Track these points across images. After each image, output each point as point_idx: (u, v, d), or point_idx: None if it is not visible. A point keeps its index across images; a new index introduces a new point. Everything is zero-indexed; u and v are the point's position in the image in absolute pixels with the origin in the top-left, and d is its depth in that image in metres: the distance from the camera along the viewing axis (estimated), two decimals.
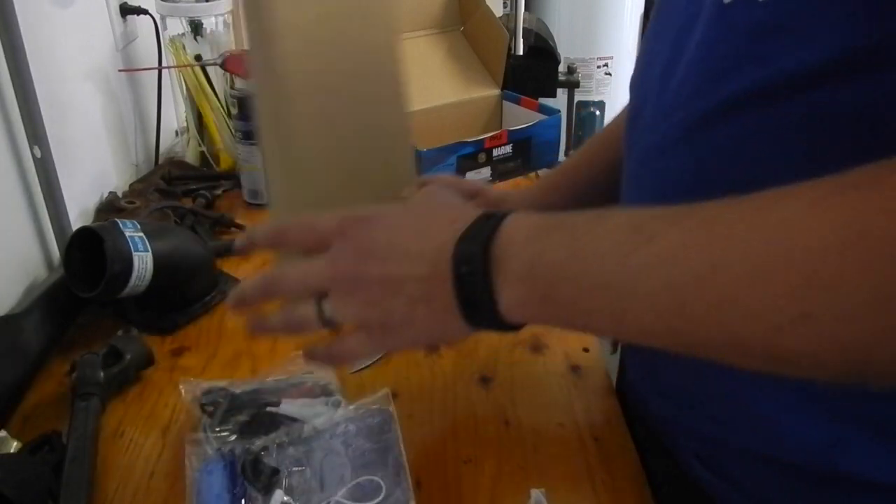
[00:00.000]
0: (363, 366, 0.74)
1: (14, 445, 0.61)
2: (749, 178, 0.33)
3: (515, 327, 0.41)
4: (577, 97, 2.20)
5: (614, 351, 0.65)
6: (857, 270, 0.28)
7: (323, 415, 0.63)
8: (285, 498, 0.56)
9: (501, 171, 1.13)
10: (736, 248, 0.31)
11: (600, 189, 0.65)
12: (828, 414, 0.43)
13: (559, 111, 1.18)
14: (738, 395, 0.48)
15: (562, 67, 1.75)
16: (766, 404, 0.46)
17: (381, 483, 0.57)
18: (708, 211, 0.33)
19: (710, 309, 0.32)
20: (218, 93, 1.14)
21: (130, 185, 1.10)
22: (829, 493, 0.45)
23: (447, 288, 0.40)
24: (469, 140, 1.08)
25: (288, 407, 0.64)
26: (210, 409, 0.64)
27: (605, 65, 2.49)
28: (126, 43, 1.13)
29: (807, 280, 0.29)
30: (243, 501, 0.56)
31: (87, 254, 0.75)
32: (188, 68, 1.11)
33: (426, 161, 1.05)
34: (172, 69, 1.14)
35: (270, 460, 0.58)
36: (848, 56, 0.35)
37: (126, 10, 1.11)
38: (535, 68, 1.58)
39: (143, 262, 0.74)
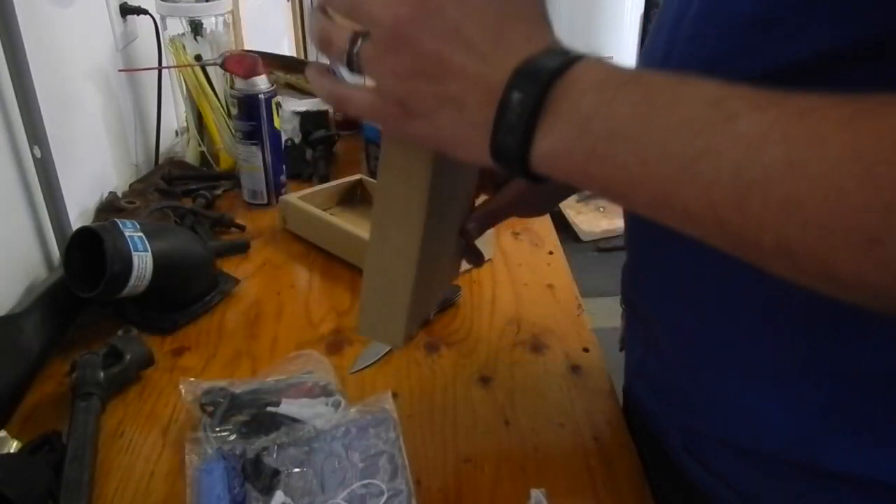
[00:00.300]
0: (363, 366, 0.74)
1: (14, 445, 0.61)
2: None
3: (535, 177, 0.37)
4: None
5: (622, 348, 0.66)
6: None
7: (323, 415, 0.63)
8: (286, 499, 0.56)
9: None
10: (819, 151, 0.28)
11: None
12: (810, 408, 0.43)
13: None
14: (723, 390, 0.48)
15: None
16: (750, 399, 0.46)
17: (382, 487, 0.57)
18: (799, 103, 0.30)
19: (770, 209, 0.29)
20: (218, 93, 1.14)
21: (130, 185, 1.10)
22: (811, 486, 0.45)
23: (489, 103, 0.35)
24: None
25: (288, 407, 0.64)
26: (210, 409, 0.64)
27: None
28: (126, 43, 1.13)
29: (886, 205, 0.26)
30: (244, 502, 0.56)
31: (87, 254, 0.75)
32: (188, 68, 1.12)
33: None
34: (172, 69, 1.14)
35: (271, 461, 0.59)
36: (839, 49, 0.35)
37: (126, 10, 1.11)
38: None
39: (142, 262, 0.74)
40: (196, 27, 1.13)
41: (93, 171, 1.01)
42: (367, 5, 0.37)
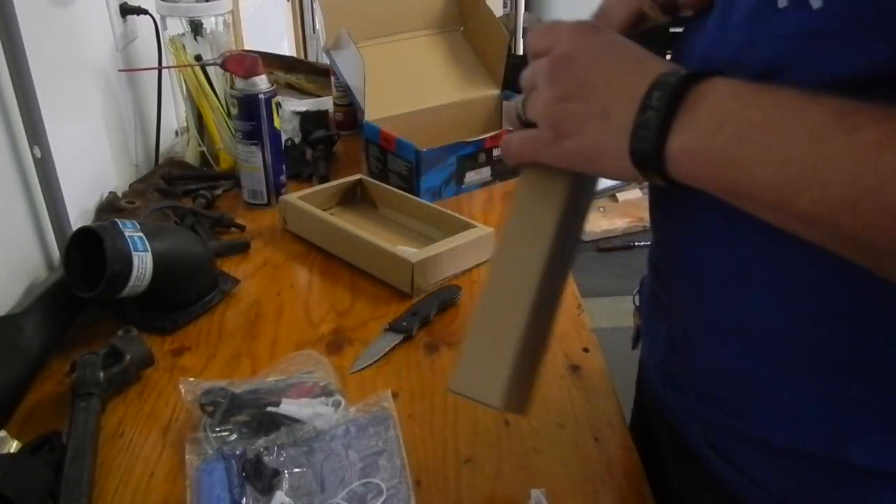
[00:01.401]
0: (363, 366, 0.74)
1: (14, 445, 0.61)
2: None
3: (668, 177, 0.40)
4: None
5: (635, 346, 0.65)
6: None
7: (323, 415, 0.63)
8: (286, 499, 0.56)
9: (501, 171, 1.13)
10: None
11: None
12: (845, 405, 0.44)
13: None
14: (756, 385, 0.48)
15: None
16: (785, 394, 0.46)
17: (382, 485, 0.57)
18: None
19: (884, 214, 0.32)
20: (218, 93, 1.14)
21: (130, 185, 1.10)
22: (841, 482, 0.45)
23: (631, 107, 0.40)
24: (469, 140, 1.08)
25: (288, 407, 0.64)
26: (210, 409, 0.64)
27: None
28: (126, 43, 1.13)
29: None
30: (244, 502, 0.56)
31: (87, 254, 0.75)
32: (188, 68, 1.12)
33: (426, 161, 1.05)
34: (172, 69, 1.14)
35: (271, 461, 0.59)
36: (892, 65, 0.36)
37: (126, 10, 1.11)
38: None
39: (142, 262, 0.74)
40: (196, 27, 1.13)
41: (93, 171, 1.01)
42: (537, 54, 0.46)
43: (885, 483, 0.44)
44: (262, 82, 1.01)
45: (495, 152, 1.11)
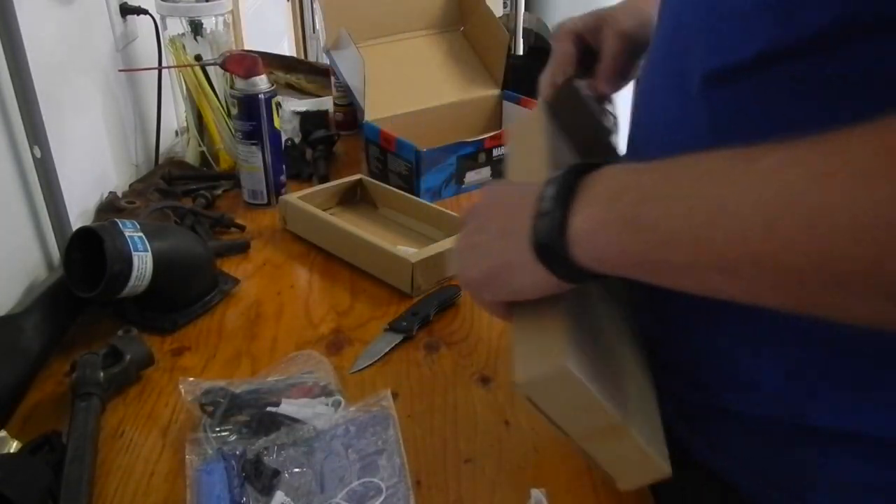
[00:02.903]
0: (363, 366, 0.74)
1: (14, 445, 0.61)
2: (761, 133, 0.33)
3: (576, 266, 0.40)
4: None
5: None
6: None
7: (323, 415, 0.63)
8: (286, 499, 0.56)
9: (501, 171, 1.13)
10: (833, 166, 0.31)
11: None
12: (798, 371, 0.45)
13: None
14: (712, 356, 0.50)
15: None
16: (738, 363, 0.48)
17: (381, 485, 0.57)
18: (806, 140, 0.32)
19: (800, 225, 0.31)
20: (218, 93, 1.14)
21: (130, 185, 1.10)
22: (800, 445, 0.47)
23: (527, 216, 0.42)
24: (469, 140, 1.08)
25: (288, 407, 0.64)
26: (210, 409, 0.64)
27: None
28: (126, 43, 1.13)
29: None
30: (244, 502, 0.56)
31: (87, 254, 0.75)
32: (188, 68, 1.12)
33: (426, 161, 1.05)
34: (172, 69, 1.14)
35: (271, 461, 0.59)
36: (832, 29, 0.37)
37: (126, 10, 1.11)
38: (535, 68, 1.57)
39: (142, 262, 0.74)
40: (196, 27, 1.13)
41: (93, 171, 1.01)
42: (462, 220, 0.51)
43: (841, 442, 0.45)
44: (262, 82, 1.01)
45: (495, 152, 1.11)
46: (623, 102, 0.64)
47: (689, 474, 0.56)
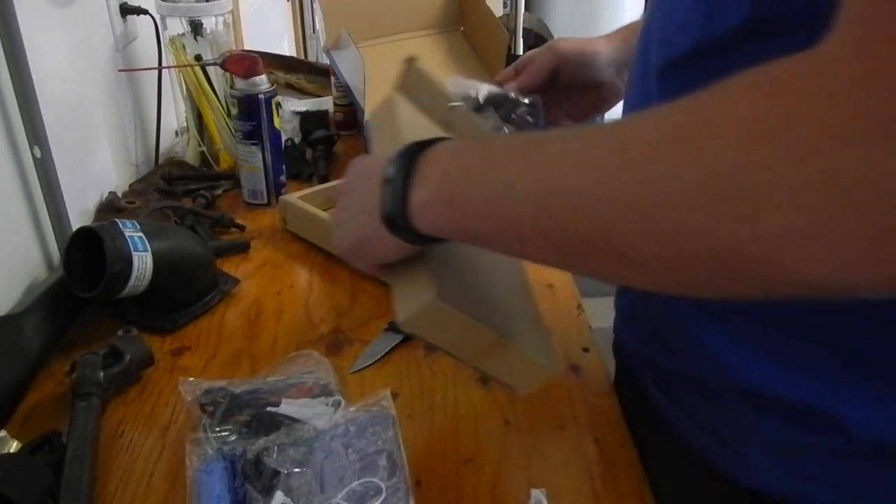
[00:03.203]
0: (363, 366, 0.74)
1: (14, 445, 0.61)
2: None
3: (418, 233, 0.46)
4: None
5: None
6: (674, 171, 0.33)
7: (323, 415, 0.63)
8: (286, 499, 0.56)
9: None
10: (589, 153, 0.37)
11: None
12: (739, 342, 0.50)
13: None
14: (671, 324, 0.55)
15: None
16: (691, 332, 0.53)
17: (381, 484, 0.57)
18: (589, 129, 0.39)
19: (568, 206, 0.37)
20: (218, 93, 1.14)
21: (130, 185, 1.10)
22: (746, 408, 0.51)
23: (378, 193, 0.48)
24: None
25: (288, 407, 0.64)
26: (210, 409, 0.64)
27: None
28: (126, 43, 1.13)
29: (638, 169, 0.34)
30: (244, 502, 0.56)
31: (87, 254, 0.75)
32: (188, 68, 1.12)
33: None
34: (172, 69, 1.14)
35: (271, 461, 0.58)
36: (755, 24, 0.41)
37: (126, 10, 1.11)
38: None
39: (142, 262, 0.74)
40: (196, 27, 1.13)
41: (93, 171, 1.01)
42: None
43: (771, 405, 0.49)
44: (262, 82, 1.01)
45: None
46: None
47: (688, 474, 0.56)
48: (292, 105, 1.35)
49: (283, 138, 1.12)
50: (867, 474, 0.48)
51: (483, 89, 0.79)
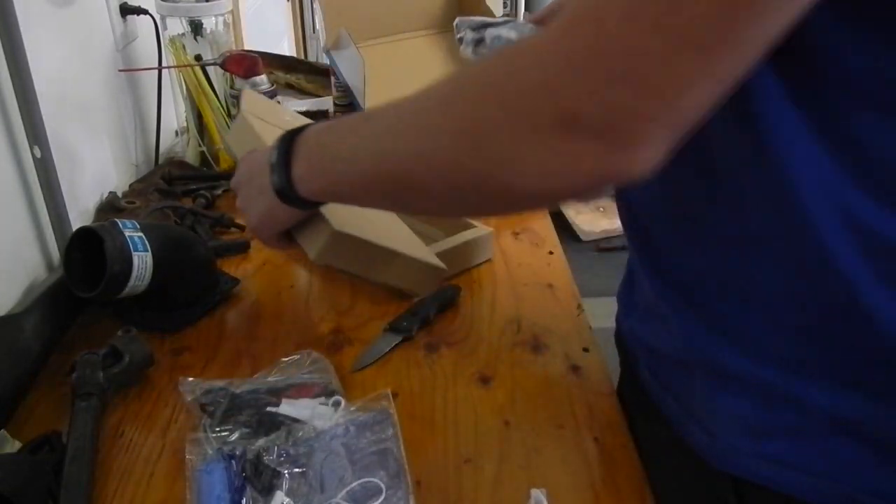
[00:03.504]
0: (363, 365, 0.74)
1: (14, 445, 0.61)
2: None
3: (309, 202, 0.62)
4: None
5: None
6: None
7: (323, 415, 0.63)
8: (286, 499, 0.56)
9: None
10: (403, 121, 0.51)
11: None
12: (704, 322, 0.52)
13: None
14: (649, 302, 0.58)
15: None
16: (662, 307, 0.55)
17: (381, 485, 0.57)
18: (401, 100, 0.50)
19: (385, 162, 0.52)
20: (218, 93, 1.14)
21: (130, 185, 1.10)
22: (713, 384, 0.53)
23: (267, 175, 0.62)
24: None
25: (288, 407, 0.64)
26: (210, 409, 0.64)
27: None
28: (126, 43, 1.13)
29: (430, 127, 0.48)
30: (244, 502, 0.56)
31: (87, 254, 0.75)
32: (188, 68, 1.12)
33: None
34: (172, 69, 1.14)
35: (271, 461, 0.59)
36: None
37: (126, 10, 1.11)
38: None
39: (142, 262, 0.74)
40: (196, 27, 1.13)
41: (93, 171, 1.01)
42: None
43: (734, 383, 0.51)
44: (262, 82, 1.01)
45: None
46: None
47: (688, 475, 0.56)
48: (292, 105, 1.35)
49: None
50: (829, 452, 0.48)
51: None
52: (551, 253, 0.95)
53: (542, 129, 0.40)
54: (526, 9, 2.69)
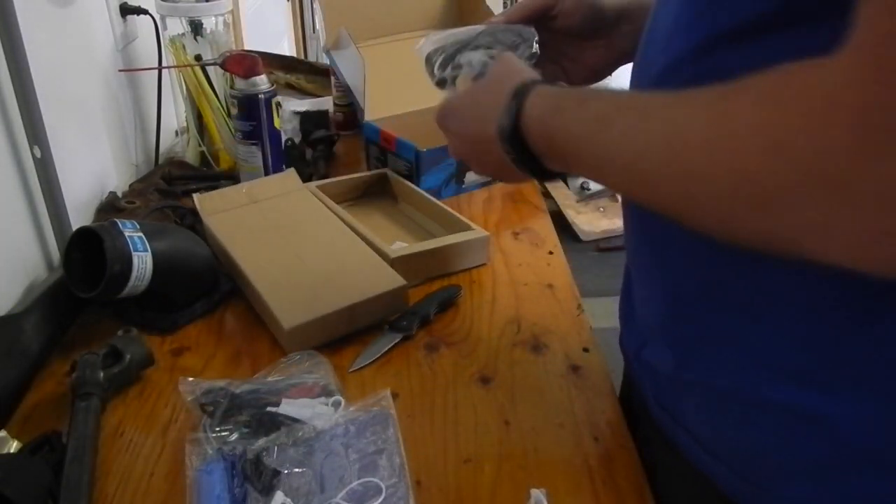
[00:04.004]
0: (363, 365, 0.74)
1: (14, 445, 0.61)
2: None
3: (549, 172, 0.55)
4: None
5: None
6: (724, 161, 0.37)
7: (323, 415, 0.63)
8: (286, 499, 0.56)
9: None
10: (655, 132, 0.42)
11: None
12: (685, 330, 0.53)
13: None
14: (647, 312, 0.58)
15: None
16: (648, 317, 0.57)
17: (381, 485, 0.57)
18: (643, 103, 0.45)
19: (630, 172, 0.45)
20: (218, 93, 1.14)
21: (130, 185, 1.10)
22: (691, 394, 0.55)
23: (497, 146, 0.56)
24: None
25: (288, 407, 0.64)
26: (210, 409, 0.64)
27: None
28: (126, 43, 1.13)
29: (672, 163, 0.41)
30: (244, 502, 0.56)
31: (87, 254, 0.75)
32: (188, 68, 1.12)
33: (426, 161, 1.05)
34: (172, 69, 1.14)
35: (271, 461, 0.58)
36: (763, 18, 0.42)
37: (126, 10, 1.11)
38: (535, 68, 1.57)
39: (142, 262, 0.74)
40: (196, 27, 1.13)
41: (93, 171, 1.01)
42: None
43: (708, 394, 0.52)
44: (262, 82, 1.01)
45: None
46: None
47: (688, 476, 0.56)
48: (292, 105, 1.35)
49: (283, 138, 1.12)
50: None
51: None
52: (551, 253, 0.95)
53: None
54: None
